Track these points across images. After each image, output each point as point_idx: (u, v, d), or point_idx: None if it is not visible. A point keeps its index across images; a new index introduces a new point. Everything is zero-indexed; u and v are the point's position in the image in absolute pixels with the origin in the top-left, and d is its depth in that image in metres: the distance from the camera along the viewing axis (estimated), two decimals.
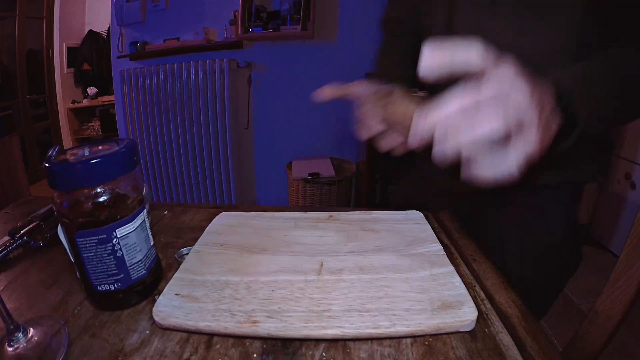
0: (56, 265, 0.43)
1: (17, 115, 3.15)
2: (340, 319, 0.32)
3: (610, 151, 2.08)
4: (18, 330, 0.30)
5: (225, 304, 0.34)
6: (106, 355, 0.30)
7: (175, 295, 0.36)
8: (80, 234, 0.32)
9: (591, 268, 2.06)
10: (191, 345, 0.31)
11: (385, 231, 0.48)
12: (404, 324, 0.32)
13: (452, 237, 0.51)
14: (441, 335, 0.32)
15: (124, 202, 0.33)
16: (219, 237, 0.47)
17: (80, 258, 0.33)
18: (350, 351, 0.31)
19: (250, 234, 0.48)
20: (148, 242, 0.37)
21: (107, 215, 0.32)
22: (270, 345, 0.31)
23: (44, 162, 0.31)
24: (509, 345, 0.31)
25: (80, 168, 0.30)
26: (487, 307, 0.36)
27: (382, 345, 0.31)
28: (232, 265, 0.41)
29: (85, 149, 0.34)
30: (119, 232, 0.33)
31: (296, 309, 0.34)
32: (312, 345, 0.31)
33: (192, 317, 0.33)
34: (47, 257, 0.45)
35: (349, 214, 0.53)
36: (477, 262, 0.45)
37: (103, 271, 0.33)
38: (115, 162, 0.32)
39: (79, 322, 0.34)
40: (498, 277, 0.42)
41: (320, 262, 0.41)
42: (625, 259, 0.51)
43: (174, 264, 0.44)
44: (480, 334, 0.33)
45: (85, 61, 3.61)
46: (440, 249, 0.44)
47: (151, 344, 0.31)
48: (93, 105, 3.72)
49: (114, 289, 0.34)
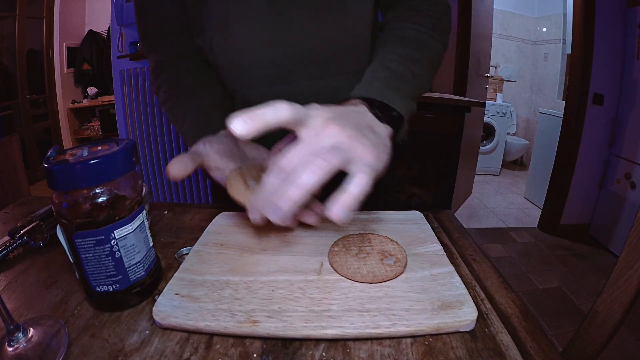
0: (56, 265, 0.43)
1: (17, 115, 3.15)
2: (340, 318, 0.32)
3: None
4: (18, 330, 0.30)
5: (225, 303, 0.34)
6: (106, 355, 0.30)
7: (175, 295, 0.35)
8: (79, 235, 0.32)
9: (591, 268, 2.06)
10: (191, 345, 0.31)
11: (385, 231, 0.48)
12: (404, 324, 0.32)
13: (452, 237, 0.51)
14: (441, 335, 0.32)
15: (123, 203, 0.33)
16: (219, 237, 0.47)
17: (79, 259, 0.33)
18: (350, 351, 0.31)
19: (250, 234, 0.47)
20: (147, 243, 0.37)
21: (106, 216, 0.32)
22: (270, 345, 0.31)
23: (43, 162, 0.31)
24: (509, 345, 0.31)
25: (79, 168, 0.30)
26: (487, 307, 0.36)
27: (382, 345, 0.31)
28: (232, 265, 0.41)
29: (85, 149, 0.34)
30: (117, 233, 0.33)
31: (296, 309, 0.34)
32: (312, 345, 0.31)
33: (192, 317, 0.32)
34: (47, 257, 0.45)
35: None
36: (477, 262, 0.45)
37: (101, 272, 0.33)
38: (115, 162, 0.32)
39: (79, 322, 0.34)
40: (498, 277, 0.42)
41: (320, 262, 0.41)
42: (625, 259, 0.51)
43: (174, 264, 0.44)
44: (480, 334, 0.33)
45: (85, 61, 3.61)
46: (440, 249, 0.44)
47: (151, 344, 0.31)
48: (93, 105, 3.73)
49: (113, 290, 0.34)
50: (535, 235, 2.45)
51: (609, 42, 2.13)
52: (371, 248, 0.43)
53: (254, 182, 0.44)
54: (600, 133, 2.26)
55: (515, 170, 3.96)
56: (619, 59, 2.16)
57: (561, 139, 2.34)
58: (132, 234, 0.34)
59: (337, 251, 0.43)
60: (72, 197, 0.31)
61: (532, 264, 2.09)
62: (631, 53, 2.10)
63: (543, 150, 2.80)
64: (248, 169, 0.46)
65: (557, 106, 3.01)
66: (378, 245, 0.43)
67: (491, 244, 2.31)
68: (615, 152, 2.25)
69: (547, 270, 2.03)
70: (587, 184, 2.36)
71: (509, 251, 2.23)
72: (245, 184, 0.43)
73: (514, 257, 2.17)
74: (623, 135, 2.18)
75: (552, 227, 2.46)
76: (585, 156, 2.29)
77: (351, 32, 0.52)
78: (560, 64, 3.50)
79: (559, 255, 2.19)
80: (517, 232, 2.49)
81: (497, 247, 2.27)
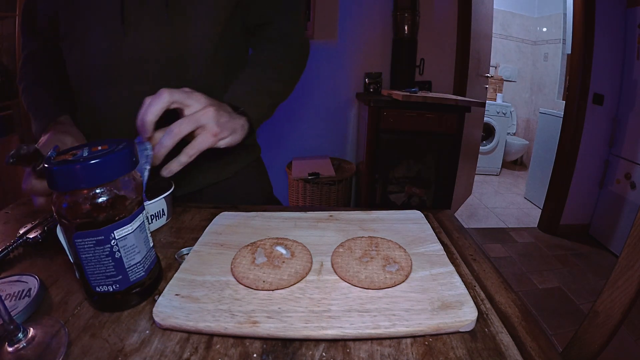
0: (56, 265, 0.43)
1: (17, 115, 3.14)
2: (340, 319, 0.32)
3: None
4: (18, 330, 0.30)
5: (225, 304, 0.34)
6: (106, 355, 0.30)
7: (175, 295, 0.35)
8: (79, 235, 0.32)
9: (591, 268, 2.06)
10: (191, 345, 0.31)
11: (385, 231, 0.48)
12: (403, 324, 0.32)
13: (452, 237, 0.51)
14: (441, 335, 0.32)
15: (123, 203, 0.33)
16: (219, 237, 0.47)
17: (79, 259, 0.33)
18: (350, 351, 0.31)
19: (250, 234, 0.47)
20: (147, 244, 0.37)
21: (106, 216, 0.32)
22: (270, 346, 0.31)
23: (43, 162, 0.31)
24: (509, 345, 0.31)
25: (79, 168, 0.30)
26: (487, 307, 0.36)
27: (382, 345, 0.31)
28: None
29: (85, 149, 0.34)
30: (117, 234, 0.33)
31: (296, 309, 0.34)
32: (312, 345, 0.31)
33: (192, 317, 0.32)
34: (47, 257, 0.45)
35: (349, 214, 0.53)
36: (477, 262, 0.45)
37: (101, 272, 0.33)
38: (115, 162, 0.32)
39: (79, 322, 0.34)
40: (498, 277, 0.42)
41: (320, 262, 0.41)
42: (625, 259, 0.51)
43: (174, 264, 0.44)
44: (480, 334, 0.33)
45: None
46: (440, 248, 0.44)
47: (151, 344, 0.31)
48: None
49: (113, 290, 0.34)
50: (535, 235, 2.45)
51: (609, 42, 2.13)
52: (376, 253, 0.42)
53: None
54: (600, 133, 2.26)
55: (515, 170, 3.96)
56: (619, 59, 2.16)
57: (561, 139, 2.34)
58: (132, 234, 0.34)
59: (341, 252, 0.43)
60: (72, 197, 0.31)
61: (532, 264, 2.09)
62: (631, 53, 2.10)
63: (543, 150, 2.80)
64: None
65: (557, 106, 3.01)
66: (384, 250, 0.43)
67: (491, 244, 2.31)
68: (615, 152, 2.25)
69: (547, 270, 2.03)
70: (587, 184, 2.36)
71: (509, 251, 2.23)
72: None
73: (514, 257, 2.17)
74: (623, 135, 2.18)
75: (552, 227, 2.46)
76: (585, 156, 2.29)
77: (191, 45, 0.59)
78: (560, 64, 3.50)
79: (559, 255, 2.19)
80: (517, 232, 2.49)
81: (497, 247, 2.27)
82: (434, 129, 1.92)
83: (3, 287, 0.37)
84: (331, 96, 2.28)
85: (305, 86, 2.16)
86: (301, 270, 0.39)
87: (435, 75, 2.29)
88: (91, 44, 0.57)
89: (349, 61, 2.22)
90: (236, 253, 0.42)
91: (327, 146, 2.38)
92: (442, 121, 1.90)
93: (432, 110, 1.88)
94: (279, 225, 0.50)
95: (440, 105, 1.86)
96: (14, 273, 0.39)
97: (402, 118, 1.91)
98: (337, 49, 2.19)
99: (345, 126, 2.36)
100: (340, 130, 2.37)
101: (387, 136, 1.95)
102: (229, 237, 0.47)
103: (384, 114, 1.91)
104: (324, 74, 2.20)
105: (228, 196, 0.70)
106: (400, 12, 2.09)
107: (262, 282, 0.37)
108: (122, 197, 0.33)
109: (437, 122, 1.91)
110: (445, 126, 1.91)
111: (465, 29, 2.27)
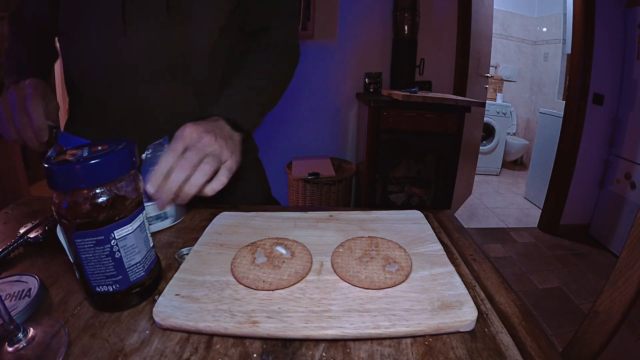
0: (56, 265, 0.43)
1: None
2: (340, 319, 0.32)
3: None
4: (18, 330, 0.30)
5: (225, 304, 0.34)
6: (106, 355, 0.30)
7: (175, 295, 0.35)
8: (79, 235, 0.32)
9: (591, 268, 2.06)
10: (191, 345, 0.31)
11: (385, 231, 0.48)
12: (403, 324, 0.32)
13: (452, 237, 0.51)
14: (441, 335, 0.32)
15: (123, 203, 0.33)
16: (219, 237, 0.47)
17: (79, 259, 0.33)
18: (350, 351, 0.31)
19: (250, 234, 0.47)
20: (147, 244, 0.37)
21: (106, 216, 0.32)
22: (270, 346, 0.31)
23: (43, 162, 0.31)
24: (509, 345, 0.31)
25: (79, 168, 0.30)
26: (487, 307, 0.36)
27: (382, 345, 0.31)
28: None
29: (85, 149, 0.34)
30: (117, 234, 0.33)
31: (296, 309, 0.34)
32: (312, 345, 0.31)
33: (192, 317, 0.32)
34: (47, 257, 0.45)
35: (349, 214, 0.53)
36: (477, 262, 0.45)
37: (101, 272, 0.33)
38: (115, 162, 0.32)
39: (79, 322, 0.34)
40: (498, 277, 0.42)
41: (320, 262, 0.41)
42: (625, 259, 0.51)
43: (174, 264, 0.44)
44: (480, 334, 0.33)
45: None
46: (440, 248, 0.44)
47: (151, 344, 0.31)
48: None
49: (113, 290, 0.34)
50: (535, 235, 2.45)
51: (609, 42, 2.13)
52: (376, 253, 0.42)
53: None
54: (600, 133, 2.26)
55: (515, 170, 3.96)
56: (619, 59, 2.16)
57: (561, 139, 2.34)
58: (132, 234, 0.34)
59: (341, 252, 0.43)
60: (72, 197, 0.31)
61: (532, 264, 2.09)
62: (631, 53, 2.10)
63: (543, 150, 2.80)
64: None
65: (557, 106, 3.01)
66: (384, 250, 0.43)
67: (491, 244, 2.31)
68: (615, 152, 2.25)
69: (547, 270, 2.03)
70: (587, 184, 2.36)
71: (509, 251, 2.23)
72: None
73: (514, 257, 2.17)
74: (623, 135, 2.18)
75: (552, 227, 2.46)
76: (585, 156, 2.29)
77: (192, 45, 0.59)
78: (560, 64, 3.50)
79: (559, 255, 2.19)
80: (517, 232, 2.49)
81: (497, 247, 2.27)
82: (434, 129, 1.92)
83: (3, 287, 0.37)
84: (331, 96, 2.27)
85: (305, 86, 2.16)
86: (301, 270, 0.39)
87: (435, 75, 2.29)
88: (91, 42, 0.58)
89: (349, 61, 2.22)
90: (236, 253, 0.42)
91: (327, 146, 2.38)
92: (442, 121, 1.90)
93: (432, 110, 1.88)
94: (279, 225, 0.50)
95: (440, 105, 1.86)
96: (14, 273, 0.39)
97: (402, 118, 1.91)
98: (337, 48, 2.19)
99: (345, 126, 2.36)
100: (340, 130, 2.37)
101: (387, 136, 1.95)
102: (229, 237, 0.47)
103: (384, 114, 1.91)
104: (324, 74, 2.20)
105: (228, 196, 0.70)
106: (400, 12, 2.09)
107: (262, 282, 0.37)
108: (122, 197, 0.33)
109: (437, 122, 1.90)
110: (445, 126, 1.91)
111: (465, 29, 2.27)
